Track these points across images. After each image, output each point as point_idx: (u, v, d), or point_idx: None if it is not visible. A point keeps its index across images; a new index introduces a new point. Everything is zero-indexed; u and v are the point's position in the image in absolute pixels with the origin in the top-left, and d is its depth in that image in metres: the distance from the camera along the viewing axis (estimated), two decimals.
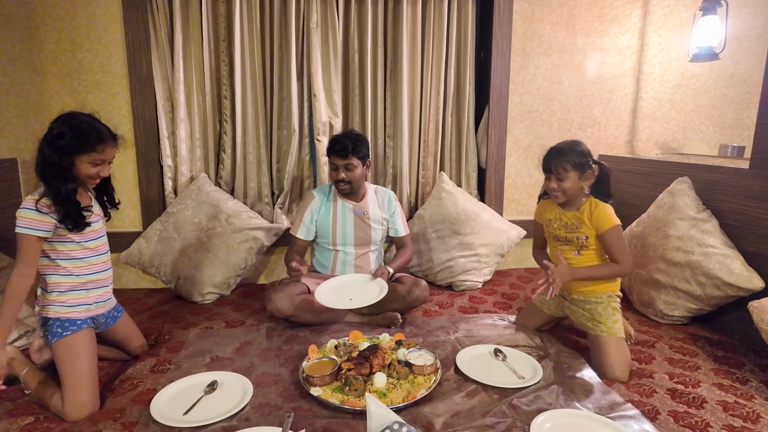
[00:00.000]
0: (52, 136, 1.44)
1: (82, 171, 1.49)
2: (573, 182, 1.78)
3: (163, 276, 2.42)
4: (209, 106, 2.56)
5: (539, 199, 2.02)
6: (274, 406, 1.48)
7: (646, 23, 2.86)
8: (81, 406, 1.45)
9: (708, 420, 1.44)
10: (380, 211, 2.24)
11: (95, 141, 1.47)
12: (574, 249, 1.86)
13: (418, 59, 2.69)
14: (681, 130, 3.03)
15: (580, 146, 1.79)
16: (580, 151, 1.77)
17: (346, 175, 2.10)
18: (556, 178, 1.79)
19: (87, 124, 1.48)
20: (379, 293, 1.92)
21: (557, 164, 1.77)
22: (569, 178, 1.77)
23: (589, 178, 1.79)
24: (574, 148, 1.78)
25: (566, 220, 1.86)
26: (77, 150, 1.46)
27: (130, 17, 2.39)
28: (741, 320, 2.00)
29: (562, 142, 1.83)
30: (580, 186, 1.80)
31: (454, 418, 1.43)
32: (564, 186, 1.78)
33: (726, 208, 2.10)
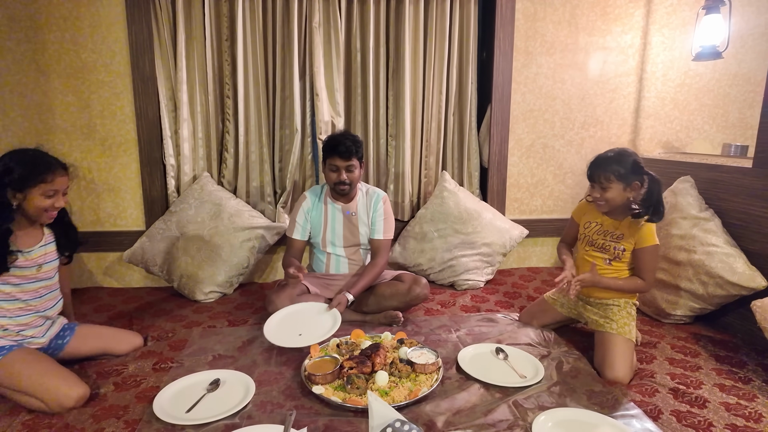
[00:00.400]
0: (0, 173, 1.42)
1: (35, 204, 1.47)
2: (617, 193, 1.74)
3: (166, 275, 2.42)
4: (212, 105, 2.57)
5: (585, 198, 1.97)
6: (277, 404, 1.49)
7: (649, 22, 2.86)
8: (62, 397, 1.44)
9: (710, 419, 1.44)
10: (366, 211, 2.20)
11: (44, 171, 1.46)
12: (607, 258, 1.84)
13: (421, 58, 2.69)
14: (684, 129, 3.02)
15: (629, 156, 1.74)
16: (628, 161, 1.72)
17: (347, 177, 2.07)
18: (600, 187, 1.75)
19: (32, 156, 1.47)
20: (332, 327, 1.82)
21: (601, 173, 1.73)
22: (612, 189, 1.73)
23: (635, 189, 1.74)
24: (620, 158, 1.73)
25: (607, 227, 1.84)
26: (26, 182, 1.43)
27: (134, 17, 2.40)
28: (744, 319, 2.00)
29: (611, 150, 1.78)
30: (626, 197, 1.75)
31: (455, 417, 1.43)
32: (607, 196, 1.75)
33: (729, 207, 2.09)
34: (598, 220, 1.88)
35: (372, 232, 2.19)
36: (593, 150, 2.95)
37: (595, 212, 1.89)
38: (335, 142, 2.06)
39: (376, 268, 2.13)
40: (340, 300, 1.97)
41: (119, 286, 2.64)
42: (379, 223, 2.18)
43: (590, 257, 1.88)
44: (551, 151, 2.92)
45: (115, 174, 2.55)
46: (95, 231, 2.56)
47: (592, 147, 2.95)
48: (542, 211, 2.99)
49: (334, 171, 2.07)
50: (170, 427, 1.38)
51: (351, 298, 2.00)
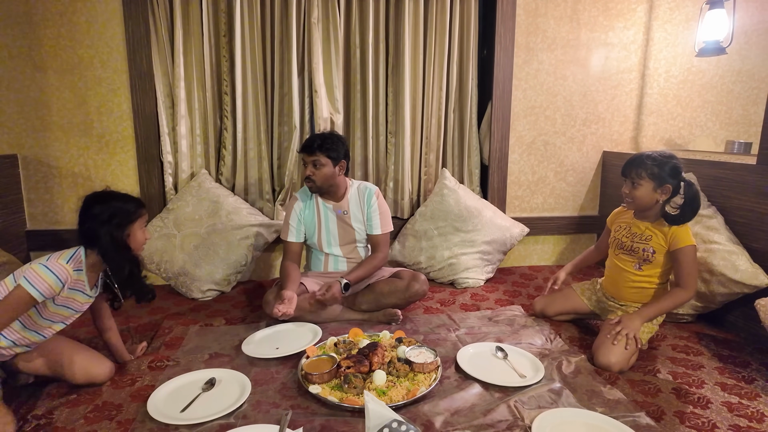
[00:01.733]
0: (106, 217, 1.47)
1: (137, 238, 1.55)
2: (646, 192, 1.73)
3: (163, 272, 2.40)
4: (210, 102, 2.55)
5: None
6: (273, 404, 1.47)
7: (651, 18, 2.82)
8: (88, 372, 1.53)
9: (714, 420, 1.41)
10: (359, 208, 2.16)
11: (139, 205, 1.56)
12: (636, 262, 1.82)
13: (421, 54, 2.66)
14: (687, 126, 2.99)
15: (670, 159, 1.72)
16: (667, 164, 1.71)
17: (312, 173, 2.04)
18: (630, 183, 1.76)
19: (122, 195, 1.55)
20: (311, 339, 1.84)
21: (634, 169, 1.74)
22: (642, 187, 1.73)
23: (666, 192, 1.73)
24: (659, 159, 1.72)
25: (635, 230, 1.83)
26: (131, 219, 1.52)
27: (131, 13, 2.37)
28: (747, 318, 1.97)
29: (656, 150, 1.77)
30: (654, 199, 1.74)
31: (454, 417, 1.41)
32: (635, 193, 1.75)
33: (732, 204, 2.07)
34: (628, 223, 1.87)
35: (369, 228, 2.16)
36: (595, 147, 2.93)
37: (627, 215, 1.89)
38: (307, 138, 2.11)
39: (375, 260, 2.12)
40: (331, 286, 1.96)
41: None
42: (375, 218, 2.15)
43: (620, 261, 1.87)
44: (552, 149, 2.89)
45: (112, 171, 2.53)
46: None
47: (594, 144, 2.92)
48: (543, 209, 2.96)
49: (304, 166, 2.08)
50: (164, 427, 1.36)
51: (344, 281, 1.99)
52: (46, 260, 1.42)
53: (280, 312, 1.84)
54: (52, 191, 2.49)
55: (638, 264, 1.82)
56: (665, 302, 1.74)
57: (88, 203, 1.51)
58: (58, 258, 1.44)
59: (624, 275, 1.87)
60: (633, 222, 1.86)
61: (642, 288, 1.85)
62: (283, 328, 1.95)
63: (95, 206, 1.49)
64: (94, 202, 1.50)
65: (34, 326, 1.47)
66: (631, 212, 1.88)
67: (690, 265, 1.73)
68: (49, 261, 1.42)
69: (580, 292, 2.02)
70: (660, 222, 1.78)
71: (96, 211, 1.48)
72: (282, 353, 1.74)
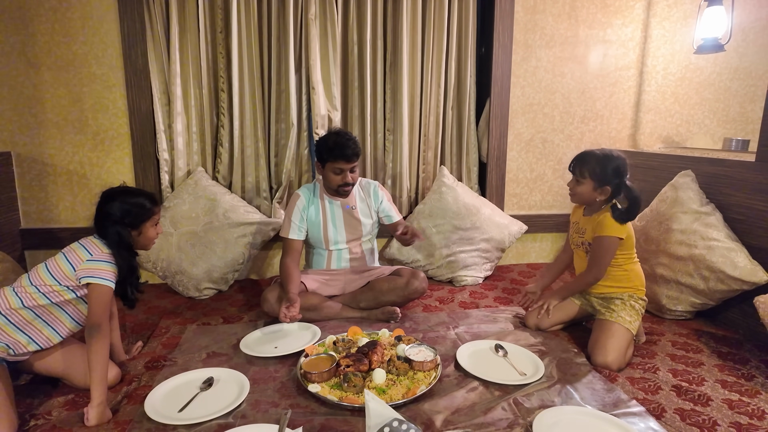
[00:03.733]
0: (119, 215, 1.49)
1: (149, 236, 1.57)
2: (586, 190, 1.80)
3: (160, 271, 2.38)
4: (206, 99, 2.52)
5: None
6: (271, 403, 1.45)
7: (649, 15, 2.82)
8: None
9: (715, 418, 1.41)
10: (367, 203, 2.19)
11: (153, 203, 1.58)
12: (585, 255, 1.90)
13: (419, 51, 2.64)
14: (684, 123, 2.99)
15: (613, 161, 1.76)
16: (609, 165, 1.75)
17: (352, 178, 2.05)
18: (574, 179, 1.82)
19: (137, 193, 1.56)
20: (311, 339, 1.83)
21: (579, 167, 1.80)
22: (584, 185, 1.79)
23: (605, 193, 1.78)
24: (602, 160, 1.76)
25: (580, 225, 1.90)
26: (143, 217, 1.54)
27: (126, 8, 2.35)
28: (746, 315, 1.97)
29: (603, 149, 1.81)
30: (594, 197, 1.80)
31: (454, 415, 1.40)
32: (577, 189, 1.82)
33: (731, 201, 2.07)
34: (577, 219, 1.95)
35: (389, 219, 2.22)
36: (593, 144, 2.92)
37: (578, 212, 1.96)
38: (341, 144, 1.97)
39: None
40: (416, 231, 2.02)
41: None
42: (389, 208, 2.22)
43: (578, 257, 1.97)
44: (551, 146, 2.89)
45: (107, 169, 2.50)
46: (88, 227, 2.50)
47: (592, 141, 2.92)
48: (541, 207, 2.96)
49: (337, 174, 2.02)
50: (162, 427, 1.34)
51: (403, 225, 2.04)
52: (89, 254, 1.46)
53: (288, 319, 1.82)
54: (47, 189, 2.46)
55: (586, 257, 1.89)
56: (572, 284, 1.92)
57: (104, 199, 1.52)
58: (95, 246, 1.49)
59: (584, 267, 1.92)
60: (579, 218, 1.93)
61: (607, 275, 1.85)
62: (282, 327, 1.94)
63: (109, 203, 1.51)
64: (109, 199, 1.52)
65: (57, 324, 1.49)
66: (581, 208, 1.94)
67: (600, 251, 1.79)
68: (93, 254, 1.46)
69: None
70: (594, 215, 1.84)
71: (109, 209, 1.50)
72: (281, 352, 1.73)
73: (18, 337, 1.42)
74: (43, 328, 1.46)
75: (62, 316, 1.49)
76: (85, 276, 1.44)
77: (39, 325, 1.46)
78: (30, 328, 1.45)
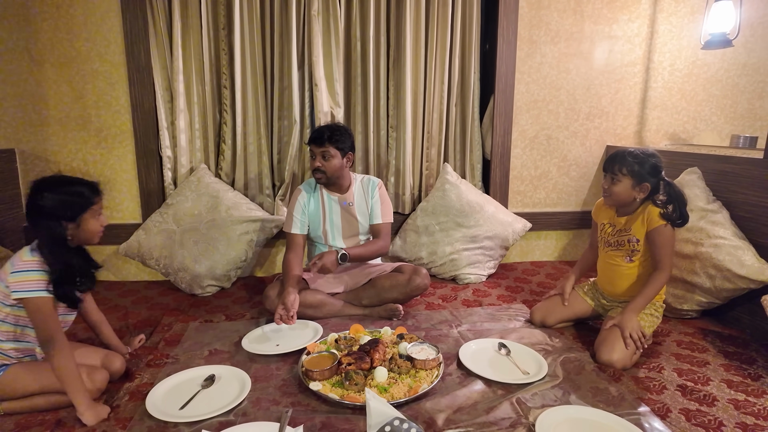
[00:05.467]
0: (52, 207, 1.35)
1: (90, 229, 1.42)
2: (624, 189, 1.74)
3: (163, 268, 2.38)
4: (209, 95, 2.52)
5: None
6: (273, 401, 1.45)
7: (656, 10, 2.79)
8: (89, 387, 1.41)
9: (721, 418, 1.39)
10: (365, 200, 2.17)
11: (91, 193, 1.42)
12: (626, 255, 1.83)
13: (422, 48, 2.62)
14: (691, 120, 2.96)
15: (651, 158, 1.72)
16: (647, 162, 1.71)
17: (322, 164, 2.03)
18: (610, 178, 1.76)
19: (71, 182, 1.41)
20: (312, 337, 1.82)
21: (616, 165, 1.74)
22: (622, 183, 1.74)
23: (644, 191, 1.74)
24: (642, 157, 1.72)
25: (619, 226, 1.84)
26: (81, 210, 1.39)
27: (128, 5, 2.34)
28: (753, 314, 1.95)
29: (640, 147, 1.76)
30: (632, 196, 1.75)
31: (456, 414, 1.39)
32: (613, 189, 1.76)
33: (738, 199, 2.04)
34: (610, 220, 1.88)
35: (371, 218, 2.17)
36: (598, 141, 2.90)
37: (608, 212, 1.89)
38: (315, 129, 2.09)
39: (375, 245, 2.12)
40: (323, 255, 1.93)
41: (115, 279, 2.60)
42: (377, 208, 2.16)
43: (610, 258, 1.88)
44: (555, 143, 2.86)
45: (110, 166, 2.50)
46: None
47: (597, 138, 2.89)
48: (546, 204, 2.94)
49: (312, 158, 2.06)
50: (163, 424, 1.34)
51: (342, 252, 1.97)
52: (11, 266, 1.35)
53: (281, 323, 1.82)
54: None
55: (628, 256, 1.83)
56: (649, 289, 1.73)
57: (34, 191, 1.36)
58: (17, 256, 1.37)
59: (617, 271, 1.86)
60: (614, 219, 1.87)
61: (637, 279, 1.83)
62: (284, 326, 1.93)
63: (40, 195, 1.35)
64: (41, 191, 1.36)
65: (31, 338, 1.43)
66: (612, 210, 1.87)
67: (664, 244, 1.73)
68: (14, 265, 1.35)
69: (583, 293, 1.99)
70: (635, 213, 1.79)
71: (40, 201, 1.35)
72: (282, 350, 1.73)
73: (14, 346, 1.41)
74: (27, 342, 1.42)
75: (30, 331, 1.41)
76: (15, 291, 1.31)
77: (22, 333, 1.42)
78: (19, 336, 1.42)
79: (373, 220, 2.16)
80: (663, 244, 1.72)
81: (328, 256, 1.94)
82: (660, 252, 1.73)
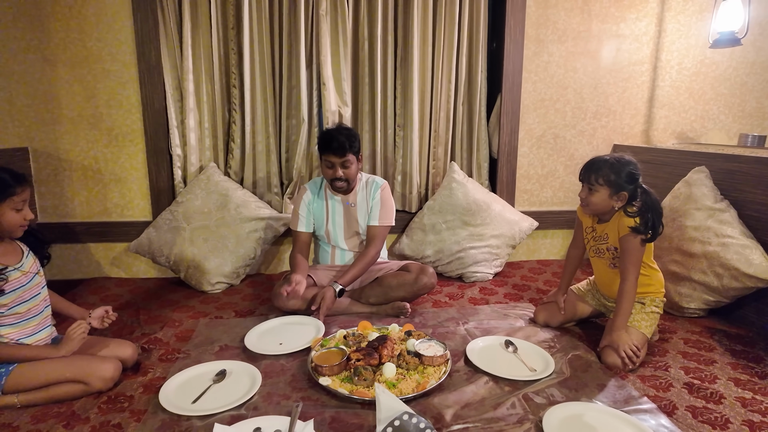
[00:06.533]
0: None
1: (8, 220, 1.40)
2: (602, 198, 1.71)
3: (173, 265, 2.42)
4: (218, 95, 2.55)
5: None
6: (283, 396, 1.47)
7: (664, 9, 2.78)
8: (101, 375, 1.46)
9: (727, 416, 1.40)
10: (366, 201, 2.16)
11: (10, 184, 1.39)
12: (609, 262, 1.82)
13: (429, 47, 2.64)
14: (699, 119, 2.95)
15: (626, 165, 1.69)
16: (623, 169, 1.68)
17: (344, 173, 2.02)
18: (588, 188, 1.74)
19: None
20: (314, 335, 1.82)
21: (592, 175, 1.71)
22: (599, 193, 1.71)
23: (622, 199, 1.70)
24: (615, 164, 1.68)
25: (599, 232, 1.82)
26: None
27: (139, 6, 2.37)
28: (760, 313, 1.95)
29: (611, 154, 1.74)
30: (610, 205, 1.72)
31: (464, 410, 1.41)
32: (591, 199, 1.73)
33: (746, 198, 2.04)
34: (591, 225, 1.87)
35: (369, 219, 2.16)
36: (605, 140, 2.90)
37: (589, 217, 1.87)
38: (329, 137, 1.99)
39: (366, 258, 2.09)
40: (324, 294, 1.95)
41: (126, 276, 2.64)
42: (375, 209, 2.13)
43: (599, 263, 1.87)
44: (562, 142, 2.87)
45: (121, 164, 2.54)
46: (102, 221, 2.55)
47: (604, 137, 2.90)
48: (552, 203, 2.94)
49: (329, 167, 2.03)
50: (176, 417, 1.37)
51: (339, 287, 1.99)
52: None
53: (285, 292, 1.84)
54: (63, 184, 2.51)
55: (611, 263, 1.81)
56: (624, 304, 1.68)
57: None
58: None
59: (608, 274, 1.84)
60: (594, 224, 1.85)
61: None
62: (287, 322, 1.95)
63: None
64: None
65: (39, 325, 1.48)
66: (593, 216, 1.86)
67: (631, 253, 1.68)
68: None
69: (582, 294, 1.99)
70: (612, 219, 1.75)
71: None
72: (285, 350, 1.74)
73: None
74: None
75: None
76: None
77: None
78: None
79: (370, 221, 2.14)
80: (628, 251, 1.68)
81: (327, 297, 1.95)
82: (624, 260, 1.70)
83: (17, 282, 1.44)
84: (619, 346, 1.64)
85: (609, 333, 1.70)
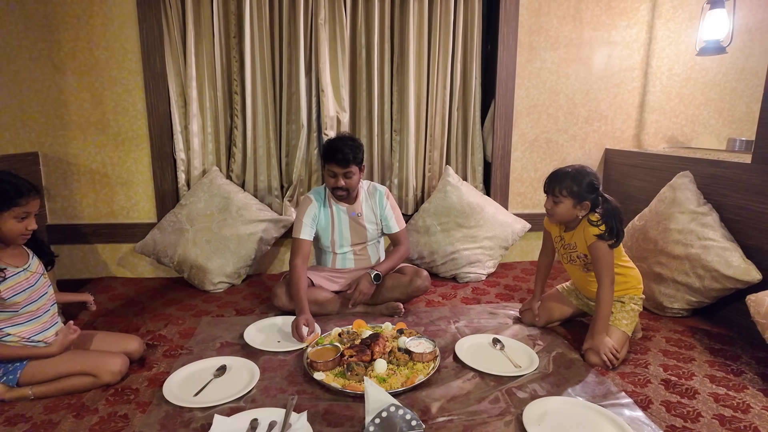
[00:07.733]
0: None
1: (8, 228, 1.45)
2: (566, 209, 1.78)
3: (177, 266, 2.51)
4: (220, 101, 2.64)
5: None
6: (279, 389, 1.56)
7: (654, 16, 2.85)
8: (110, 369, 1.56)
9: (699, 410, 1.48)
10: (372, 209, 2.22)
11: (16, 195, 1.44)
12: (581, 268, 1.90)
13: (425, 54, 2.72)
14: (689, 123, 3.02)
15: (587, 176, 1.75)
16: (584, 180, 1.75)
17: (345, 183, 2.07)
18: (552, 199, 1.81)
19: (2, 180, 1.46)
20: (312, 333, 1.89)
21: (556, 187, 1.78)
22: (563, 204, 1.78)
23: (585, 208, 1.78)
24: (577, 176, 1.75)
25: (567, 240, 1.90)
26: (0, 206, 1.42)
27: (145, 15, 2.46)
28: (740, 313, 2.01)
29: (571, 165, 1.81)
30: (575, 214, 1.79)
31: (450, 403, 1.49)
32: (556, 210, 1.80)
33: (728, 202, 2.11)
34: (559, 234, 1.93)
35: (387, 228, 2.25)
36: (597, 145, 2.97)
37: (555, 226, 1.94)
38: (333, 148, 2.02)
39: (400, 252, 2.22)
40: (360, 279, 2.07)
41: (132, 276, 2.74)
42: (391, 219, 2.23)
43: (572, 269, 1.95)
44: (555, 146, 2.94)
45: (127, 168, 2.63)
46: (109, 223, 2.65)
47: (596, 142, 2.97)
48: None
49: (332, 177, 2.07)
50: (178, 409, 1.46)
51: (374, 272, 2.08)
52: None
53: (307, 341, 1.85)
54: (71, 187, 2.61)
55: (584, 268, 1.89)
56: (603, 308, 1.75)
57: None
58: None
59: (584, 277, 1.92)
60: (561, 233, 1.91)
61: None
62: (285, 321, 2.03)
63: None
64: None
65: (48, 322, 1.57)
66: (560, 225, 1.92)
67: (601, 258, 1.74)
68: None
69: (566, 294, 2.05)
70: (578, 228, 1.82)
71: None
72: (282, 348, 1.83)
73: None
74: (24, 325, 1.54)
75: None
76: None
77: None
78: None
79: (389, 230, 2.25)
80: (599, 258, 1.75)
81: (363, 283, 2.05)
82: (596, 266, 1.77)
83: (26, 282, 1.53)
84: (600, 351, 1.72)
85: (591, 337, 1.77)
